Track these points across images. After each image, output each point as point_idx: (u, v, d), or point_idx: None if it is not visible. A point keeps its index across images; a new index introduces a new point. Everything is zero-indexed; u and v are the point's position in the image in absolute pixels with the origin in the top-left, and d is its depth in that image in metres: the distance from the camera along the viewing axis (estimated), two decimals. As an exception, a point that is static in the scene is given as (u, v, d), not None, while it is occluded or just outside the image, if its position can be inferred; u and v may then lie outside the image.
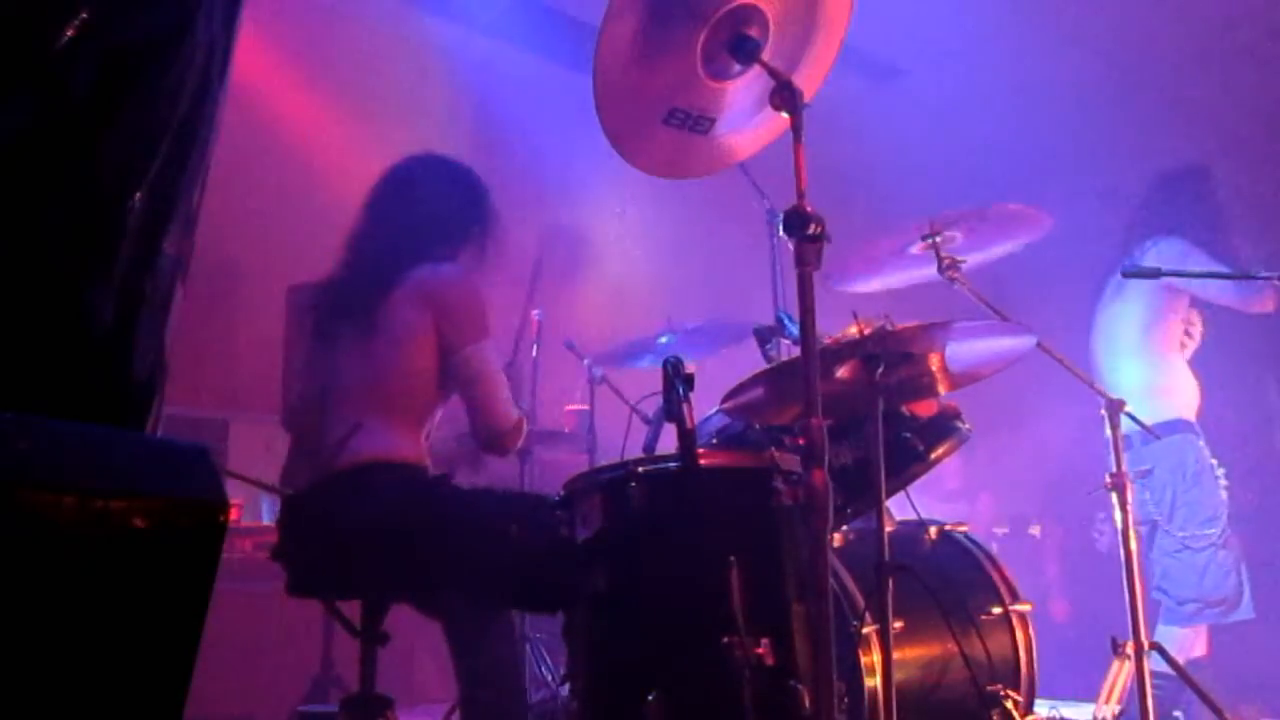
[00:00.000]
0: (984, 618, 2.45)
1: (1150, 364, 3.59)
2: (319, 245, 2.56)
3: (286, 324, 3.41)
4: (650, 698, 1.76)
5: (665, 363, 1.80)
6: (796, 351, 2.01)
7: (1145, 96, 5.19)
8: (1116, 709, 2.66)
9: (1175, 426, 3.46)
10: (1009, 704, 2.28)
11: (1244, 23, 4.87)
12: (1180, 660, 2.84)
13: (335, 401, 2.32)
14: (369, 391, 2.31)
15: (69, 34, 0.90)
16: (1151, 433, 3.01)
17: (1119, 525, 2.62)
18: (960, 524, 2.71)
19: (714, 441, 2.56)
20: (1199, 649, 3.44)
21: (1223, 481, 3.50)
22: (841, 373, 2.23)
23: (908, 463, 2.46)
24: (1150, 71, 5.12)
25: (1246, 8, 4.81)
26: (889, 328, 2.14)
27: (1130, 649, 2.53)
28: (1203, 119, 5.07)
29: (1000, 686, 2.31)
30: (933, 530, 2.62)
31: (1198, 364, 3.70)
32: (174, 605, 0.73)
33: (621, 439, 3.05)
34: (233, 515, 3.63)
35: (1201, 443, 3.50)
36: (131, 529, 0.70)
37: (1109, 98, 5.23)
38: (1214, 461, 3.50)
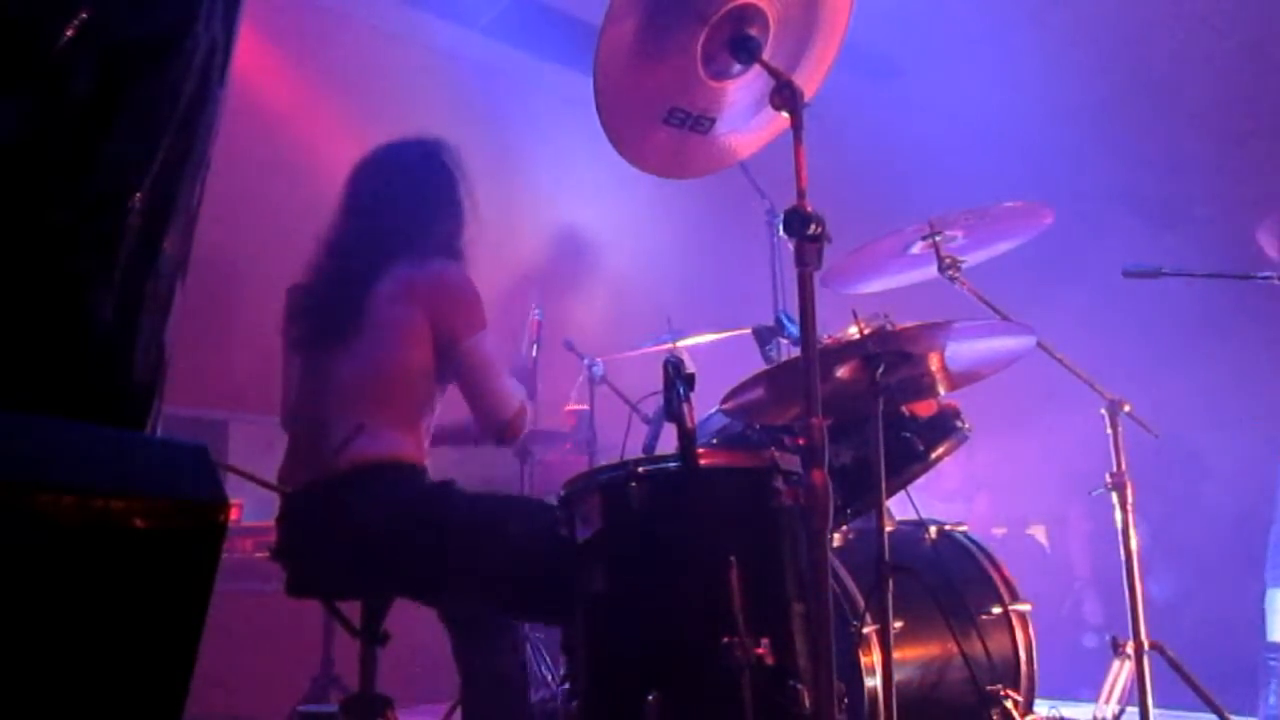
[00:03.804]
0: (984, 618, 2.45)
1: None
2: (319, 245, 2.55)
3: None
4: (650, 698, 1.76)
5: (665, 363, 1.80)
6: (796, 351, 2.01)
7: (1147, 95, 5.19)
8: (1117, 709, 2.65)
9: None
10: (1009, 704, 2.28)
11: (1247, 20, 4.87)
12: None
13: (333, 403, 2.31)
14: (366, 391, 2.30)
15: (69, 34, 0.90)
16: (1151, 433, 3.00)
17: (1119, 525, 2.62)
18: (960, 524, 2.71)
19: (714, 441, 2.56)
20: None
21: None
22: (841, 373, 2.23)
23: (908, 463, 2.46)
24: (1152, 70, 5.12)
25: (1248, 5, 4.81)
26: (889, 328, 2.14)
27: (1130, 649, 2.53)
28: (1206, 117, 5.07)
29: (1000, 686, 2.31)
30: (933, 530, 2.62)
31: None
32: (174, 605, 0.73)
33: (621, 439, 3.05)
34: (233, 515, 3.63)
35: None
36: (131, 529, 0.70)
37: (1110, 97, 5.23)
38: None
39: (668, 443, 2.09)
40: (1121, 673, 2.61)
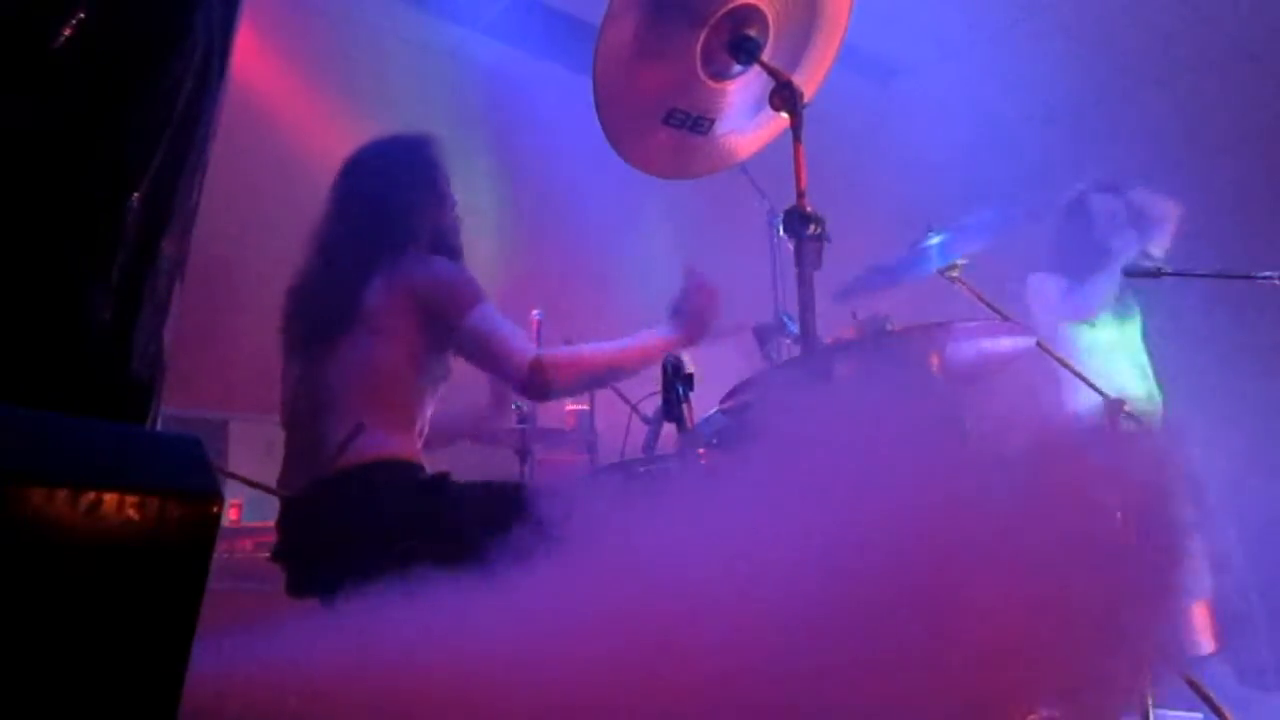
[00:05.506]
0: (984, 618, 2.44)
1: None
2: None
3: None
4: (650, 698, 1.75)
5: (664, 363, 1.80)
6: (796, 351, 2.01)
7: (1148, 95, 5.19)
8: (1117, 709, 2.65)
9: None
10: (1009, 704, 2.28)
11: (1247, 23, 4.87)
12: None
13: (328, 404, 2.30)
14: (360, 391, 2.29)
15: (66, 34, 0.90)
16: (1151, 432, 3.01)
17: (1119, 525, 2.61)
18: (960, 524, 2.70)
19: (714, 442, 2.55)
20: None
21: None
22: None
23: (908, 463, 2.46)
24: (1153, 70, 5.12)
25: (1249, 8, 4.81)
26: (889, 328, 2.14)
27: (1130, 649, 2.53)
28: (1207, 118, 5.07)
29: (1000, 687, 2.31)
30: (933, 530, 2.62)
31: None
32: (167, 598, 0.73)
33: (621, 439, 3.04)
34: (233, 515, 3.62)
35: None
36: (124, 521, 0.70)
37: (1111, 97, 5.24)
38: None
39: (667, 443, 2.09)
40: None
